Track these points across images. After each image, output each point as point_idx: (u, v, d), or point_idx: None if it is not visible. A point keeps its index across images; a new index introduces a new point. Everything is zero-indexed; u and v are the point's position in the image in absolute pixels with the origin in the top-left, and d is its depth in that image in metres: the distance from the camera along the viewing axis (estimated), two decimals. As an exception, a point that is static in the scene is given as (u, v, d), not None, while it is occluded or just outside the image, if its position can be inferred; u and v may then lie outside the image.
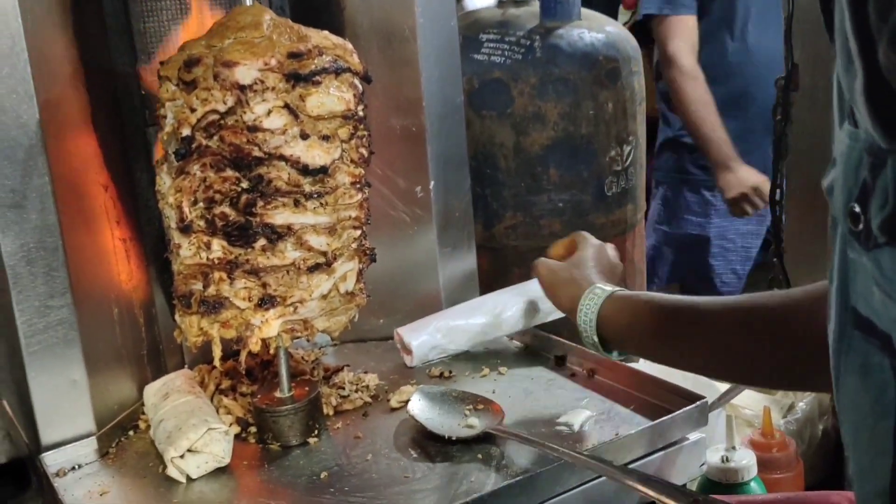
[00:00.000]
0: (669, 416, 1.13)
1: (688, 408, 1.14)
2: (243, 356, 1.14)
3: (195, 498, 1.10)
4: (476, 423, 1.17)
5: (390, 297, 1.48)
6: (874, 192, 0.52)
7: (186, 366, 1.41)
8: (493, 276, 1.59)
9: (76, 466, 1.19)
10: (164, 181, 1.14)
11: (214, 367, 1.34)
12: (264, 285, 1.12)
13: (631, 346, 1.17)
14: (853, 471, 0.63)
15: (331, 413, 1.27)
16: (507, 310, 1.41)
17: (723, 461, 1.19)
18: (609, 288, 1.17)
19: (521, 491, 1.04)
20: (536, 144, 1.60)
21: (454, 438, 1.16)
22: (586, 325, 1.16)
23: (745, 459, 1.19)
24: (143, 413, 1.30)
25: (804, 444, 1.41)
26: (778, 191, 1.61)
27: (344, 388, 1.33)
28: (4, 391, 1.46)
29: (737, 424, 1.26)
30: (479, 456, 1.14)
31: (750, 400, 1.42)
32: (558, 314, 1.42)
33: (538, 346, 1.43)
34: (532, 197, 1.62)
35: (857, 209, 0.54)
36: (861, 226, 0.54)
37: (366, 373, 1.38)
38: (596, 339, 1.16)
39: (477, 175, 1.57)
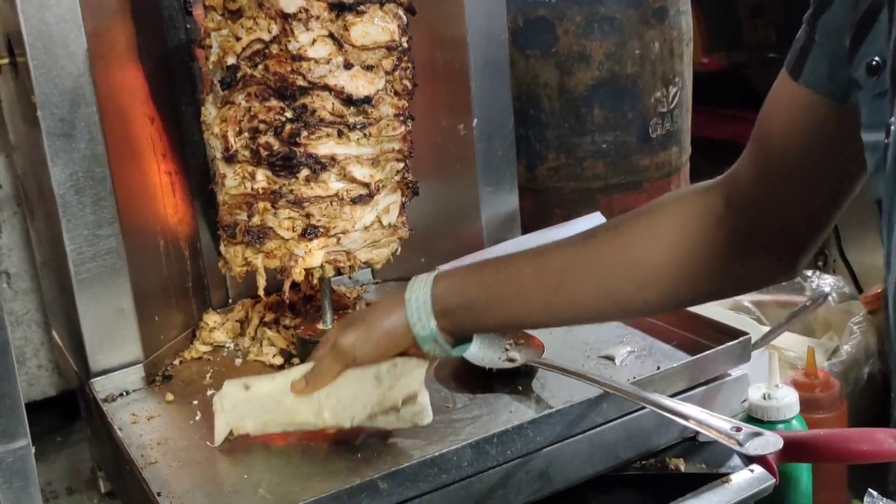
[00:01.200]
0: (711, 350, 1.13)
1: (730, 343, 1.14)
2: (286, 286, 1.16)
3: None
4: (517, 357, 1.17)
5: (432, 235, 1.48)
6: None
7: (230, 300, 1.43)
8: (535, 218, 1.59)
9: (124, 393, 1.21)
10: (210, 111, 1.15)
11: (258, 302, 1.36)
12: (308, 216, 1.13)
13: (489, 316, 1.00)
14: None
15: (372, 347, 1.28)
16: (548, 249, 1.40)
17: (765, 398, 1.18)
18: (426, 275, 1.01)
19: (561, 420, 1.04)
20: (581, 84, 1.58)
21: (495, 371, 1.16)
22: (420, 313, 0.98)
23: (788, 397, 1.18)
24: (192, 344, 1.32)
25: (849, 386, 1.40)
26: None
27: (385, 323, 1.34)
28: (54, 323, 1.50)
29: (780, 366, 1.25)
30: (520, 388, 1.14)
31: (794, 342, 1.41)
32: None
33: (580, 286, 1.42)
34: (575, 138, 1.61)
35: None
36: None
37: (407, 309, 1.38)
38: (433, 326, 0.98)
39: (520, 115, 1.55)
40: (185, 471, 1.03)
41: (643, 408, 1.07)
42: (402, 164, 1.19)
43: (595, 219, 1.43)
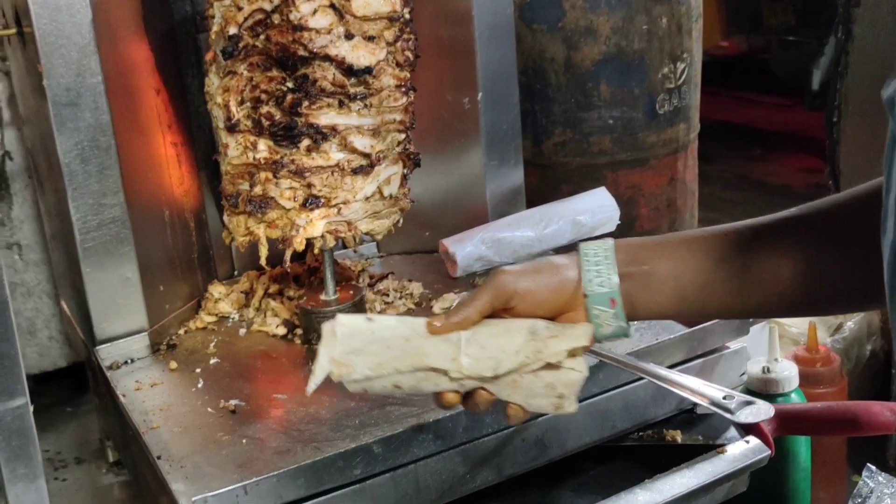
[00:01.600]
0: (709, 323, 1.13)
1: (729, 316, 1.14)
2: (287, 255, 1.17)
3: (241, 392, 1.13)
4: (517, 329, 1.18)
5: (437, 210, 1.49)
6: None
7: (236, 271, 1.44)
8: (541, 193, 1.59)
9: (129, 360, 1.23)
10: (213, 81, 1.16)
11: (263, 273, 1.38)
12: (309, 186, 1.14)
13: (665, 297, 0.87)
14: None
15: (375, 318, 1.29)
16: (552, 223, 1.41)
17: (764, 372, 1.18)
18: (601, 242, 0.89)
19: (558, 389, 1.05)
20: (587, 60, 1.58)
21: (494, 342, 1.16)
22: (600, 268, 0.85)
23: (787, 371, 1.18)
24: (197, 314, 1.33)
25: (851, 363, 1.40)
26: (836, 111, 1.57)
27: (388, 295, 1.35)
28: (63, 295, 1.52)
29: (782, 343, 1.25)
30: (519, 359, 1.15)
31: (796, 318, 1.41)
32: (605, 229, 1.42)
33: (583, 260, 1.43)
34: (582, 113, 1.61)
35: None
36: None
37: (410, 281, 1.39)
38: (615, 282, 0.85)
39: (526, 90, 1.56)
40: (186, 435, 1.05)
41: (640, 379, 1.07)
42: (403, 136, 1.19)
43: (600, 194, 1.43)
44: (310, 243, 1.17)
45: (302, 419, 1.07)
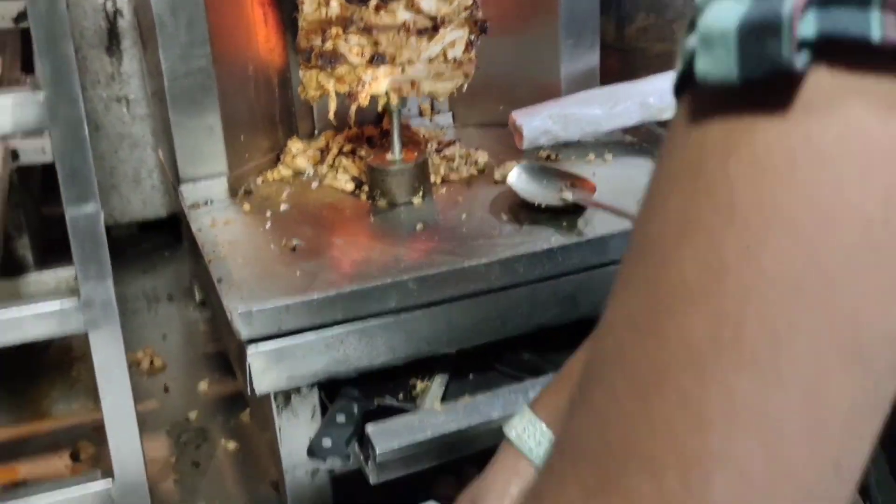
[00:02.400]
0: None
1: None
2: (352, 110, 1.23)
3: (304, 234, 1.22)
4: (569, 197, 1.22)
5: (511, 84, 1.52)
6: None
7: (317, 131, 1.53)
8: (621, 77, 1.60)
9: (208, 202, 1.33)
10: (292, -61, 1.22)
11: (338, 133, 1.45)
12: (376, 43, 1.19)
13: None
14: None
15: (438, 181, 1.36)
16: (620, 102, 1.43)
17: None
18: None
19: (591, 249, 1.10)
20: (676, -58, 1.57)
21: (544, 206, 1.22)
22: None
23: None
24: (276, 166, 1.43)
25: None
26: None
27: (454, 161, 1.41)
28: (160, 146, 1.64)
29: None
30: (564, 224, 1.20)
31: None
32: (672, 112, 1.43)
33: (649, 141, 1.45)
34: (667, -2, 1.60)
35: None
36: None
37: (477, 150, 1.44)
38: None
39: (613, -28, 1.56)
40: (247, 266, 1.14)
41: (676, 247, 1.10)
42: (471, 1, 1.23)
43: (667, 78, 1.44)
44: (376, 101, 1.24)
45: (353, 260, 1.15)
